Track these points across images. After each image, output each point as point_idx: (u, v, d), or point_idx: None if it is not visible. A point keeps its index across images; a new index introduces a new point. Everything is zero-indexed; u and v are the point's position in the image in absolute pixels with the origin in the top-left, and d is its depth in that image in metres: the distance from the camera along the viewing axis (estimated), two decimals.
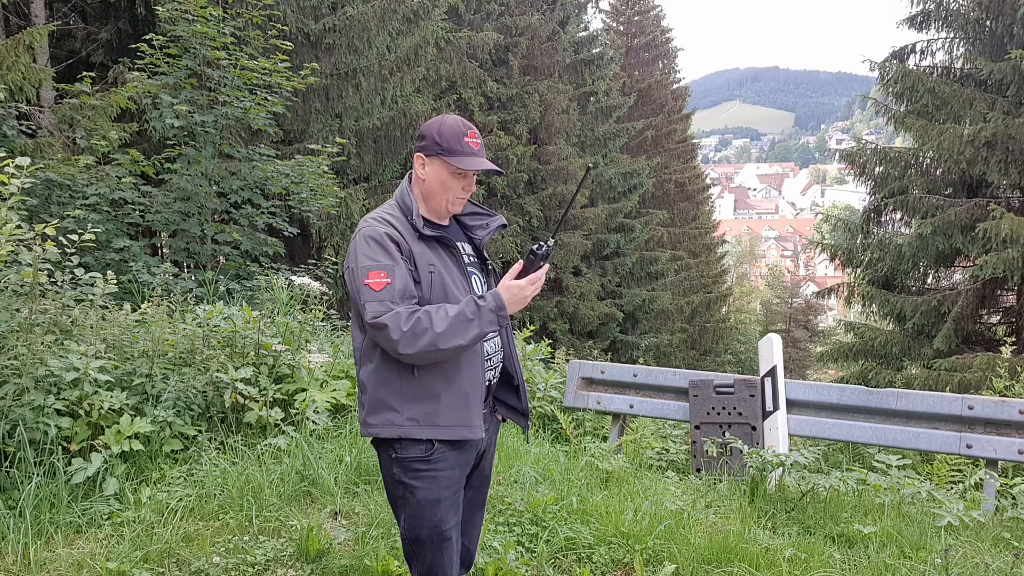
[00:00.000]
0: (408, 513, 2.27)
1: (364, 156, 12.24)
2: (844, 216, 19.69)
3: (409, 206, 2.25)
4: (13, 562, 3.08)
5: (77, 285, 4.37)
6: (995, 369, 8.87)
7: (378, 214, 2.25)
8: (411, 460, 2.21)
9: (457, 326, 2.09)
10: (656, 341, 22.39)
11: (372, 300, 2.09)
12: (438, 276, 2.19)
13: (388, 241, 2.15)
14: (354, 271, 2.14)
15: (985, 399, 4.83)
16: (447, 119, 2.26)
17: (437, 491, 2.25)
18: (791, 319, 35.21)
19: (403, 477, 2.24)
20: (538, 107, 18.73)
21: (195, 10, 7.13)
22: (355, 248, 2.18)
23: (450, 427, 2.21)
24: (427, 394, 2.19)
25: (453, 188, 2.26)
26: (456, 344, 2.09)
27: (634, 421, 6.41)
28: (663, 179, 26.16)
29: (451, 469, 2.26)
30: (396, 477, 2.26)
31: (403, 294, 2.10)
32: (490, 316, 2.13)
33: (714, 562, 3.39)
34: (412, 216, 2.23)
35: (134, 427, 3.81)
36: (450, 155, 2.22)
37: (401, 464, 2.23)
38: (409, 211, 2.25)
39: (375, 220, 2.22)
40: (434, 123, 2.26)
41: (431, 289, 2.18)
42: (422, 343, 2.06)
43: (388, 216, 2.23)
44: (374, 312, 2.08)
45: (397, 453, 2.22)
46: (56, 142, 7.33)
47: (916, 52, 14.28)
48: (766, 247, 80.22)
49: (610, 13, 28.17)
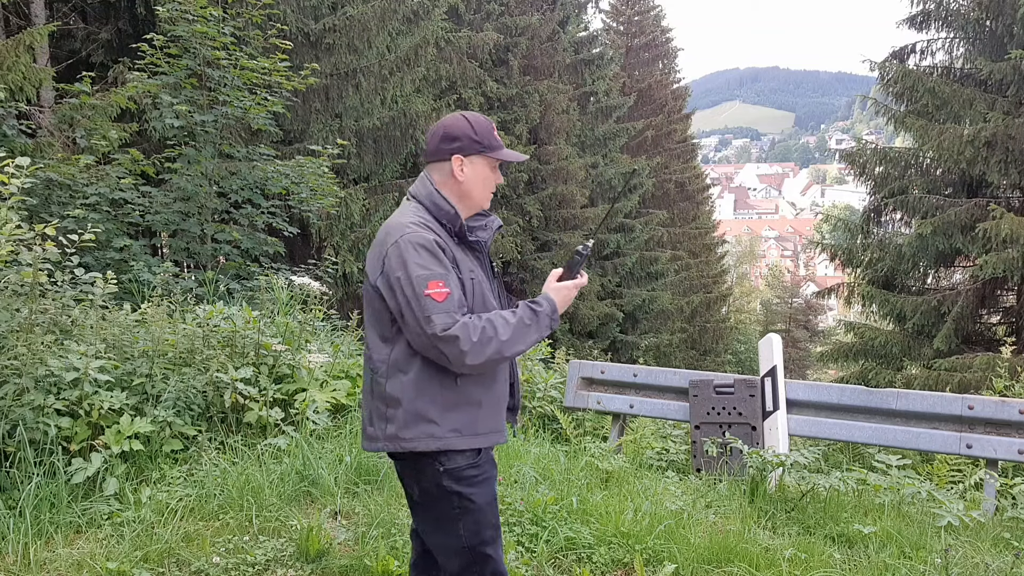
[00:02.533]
0: (470, 521, 2.17)
1: (364, 156, 12.24)
2: (844, 216, 19.70)
3: (448, 209, 2.17)
4: (13, 562, 3.08)
5: (77, 285, 4.37)
6: (995, 369, 8.86)
7: (413, 219, 2.14)
8: (462, 469, 2.14)
9: (519, 333, 2.09)
10: (656, 341, 22.39)
11: (439, 311, 2.00)
12: (478, 283, 2.16)
13: (437, 248, 2.08)
14: (405, 280, 2.03)
15: (985, 399, 4.83)
16: (470, 117, 2.22)
17: (491, 490, 2.21)
18: (791, 319, 35.23)
19: (457, 487, 2.14)
20: (538, 107, 18.73)
21: (195, 10, 7.13)
22: (401, 256, 2.06)
23: (488, 434, 2.18)
24: (469, 402, 2.13)
25: (492, 183, 2.27)
26: (518, 351, 2.09)
27: (634, 421, 6.41)
28: (663, 179, 26.17)
29: (493, 466, 2.26)
30: (448, 489, 2.14)
31: (460, 303, 2.06)
32: (546, 321, 2.15)
33: (714, 562, 3.39)
34: (455, 220, 2.17)
35: (134, 427, 3.81)
36: (491, 151, 2.21)
37: (452, 475, 2.14)
38: (449, 215, 2.17)
39: (416, 226, 2.11)
40: (460, 123, 2.20)
41: (473, 297, 2.14)
42: (489, 352, 2.03)
43: (425, 221, 2.14)
44: (443, 324, 2.00)
45: (445, 465, 2.13)
46: (56, 142, 7.33)
47: (916, 52, 14.29)
48: (766, 247, 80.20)
49: (610, 13, 28.17)
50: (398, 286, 2.05)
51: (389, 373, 2.12)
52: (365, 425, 2.21)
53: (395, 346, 2.12)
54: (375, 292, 2.13)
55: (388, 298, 2.08)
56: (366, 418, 2.21)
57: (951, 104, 12.77)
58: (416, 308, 2.02)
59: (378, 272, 2.11)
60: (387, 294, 2.08)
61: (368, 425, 2.19)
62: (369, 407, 2.19)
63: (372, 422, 2.17)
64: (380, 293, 2.11)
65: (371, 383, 2.18)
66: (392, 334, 2.12)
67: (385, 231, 2.16)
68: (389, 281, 2.07)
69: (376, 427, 2.16)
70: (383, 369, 2.13)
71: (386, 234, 2.14)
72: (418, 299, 2.01)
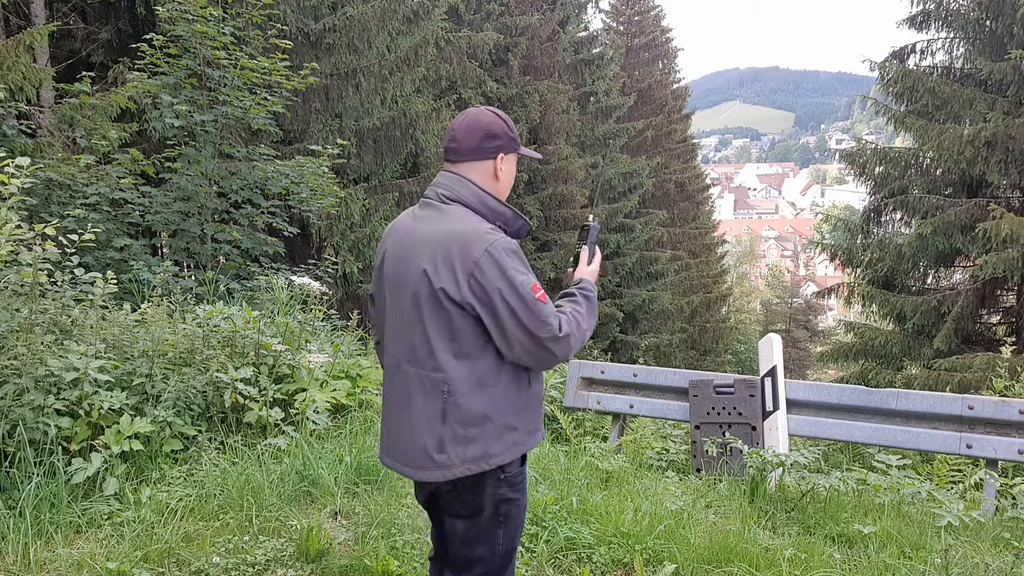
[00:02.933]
0: (511, 527, 2.14)
1: (364, 156, 12.25)
2: (844, 216, 19.70)
3: (504, 211, 2.11)
4: (13, 562, 3.08)
5: (77, 285, 4.37)
6: (995, 369, 8.87)
7: (485, 225, 2.04)
8: (516, 475, 2.12)
9: (590, 319, 2.13)
10: (656, 341, 22.41)
11: (551, 315, 2.00)
12: None
13: (521, 252, 2.05)
14: (509, 290, 1.95)
15: (985, 399, 4.83)
16: (500, 113, 2.17)
17: (527, 491, 2.20)
18: (791, 319, 35.24)
19: (510, 494, 2.10)
20: (538, 107, 18.74)
21: (195, 10, 7.13)
22: (499, 266, 1.96)
23: (538, 431, 2.17)
24: (534, 400, 2.13)
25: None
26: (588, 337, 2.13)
27: (634, 421, 6.41)
28: (663, 179, 26.18)
29: None
30: (502, 497, 2.08)
31: None
32: (596, 303, 2.21)
33: (714, 562, 3.39)
34: (514, 221, 2.13)
35: (134, 427, 3.81)
36: (520, 147, 2.21)
37: (509, 483, 2.09)
38: (505, 217, 2.11)
39: (494, 232, 2.02)
40: (497, 120, 2.13)
41: None
42: (581, 343, 2.07)
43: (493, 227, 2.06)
44: (559, 324, 2.00)
45: (506, 473, 2.07)
46: (56, 142, 7.33)
47: (916, 52, 14.30)
48: (766, 247, 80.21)
49: (610, 13, 28.19)
50: (499, 297, 1.95)
51: (471, 390, 2.00)
52: (426, 454, 2.03)
53: (478, 361, 2.01)
54: (457, 308, 1.98)
55: (484, 312, 1.97)
56: (430, 446, 2.02)
57: (951, 104, 12.77)
58: (529, 315, 1.96)
59: (464, 287, 1.96)
60: (482, 308, 1.97)
61: (435, 454, 2.02)
62: (437, 434, 2.02)
63: (442, 449, 2.01)
64: (464, 308, 1.98)
65: (442, 407, 2.00)
66: (475, 348, 2.01)
67: (459, 242, 1.98)
68: (486, 294, 1.96)
69: (451, 453, 2.01)
70: (463, 388, 2.00)
71: (463, 245, 1.98)
72: (529, 305, 1.96)
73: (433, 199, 2.12)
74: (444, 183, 2.12)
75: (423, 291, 2.01)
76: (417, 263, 2.03)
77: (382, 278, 2.19)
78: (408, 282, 2.05)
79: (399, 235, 2.15)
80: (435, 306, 2.00)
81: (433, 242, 2.02)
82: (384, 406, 2.20)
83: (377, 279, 2.24)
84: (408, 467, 2.08)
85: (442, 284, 1.97)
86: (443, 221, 2.05)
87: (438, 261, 1.99)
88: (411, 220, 2.15)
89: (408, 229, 2.13)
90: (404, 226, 2.16)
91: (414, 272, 2.03)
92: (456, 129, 2.13)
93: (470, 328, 1.99)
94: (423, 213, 2.13)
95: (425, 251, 2.02)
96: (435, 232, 2.03)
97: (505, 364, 2.04)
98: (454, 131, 2.13)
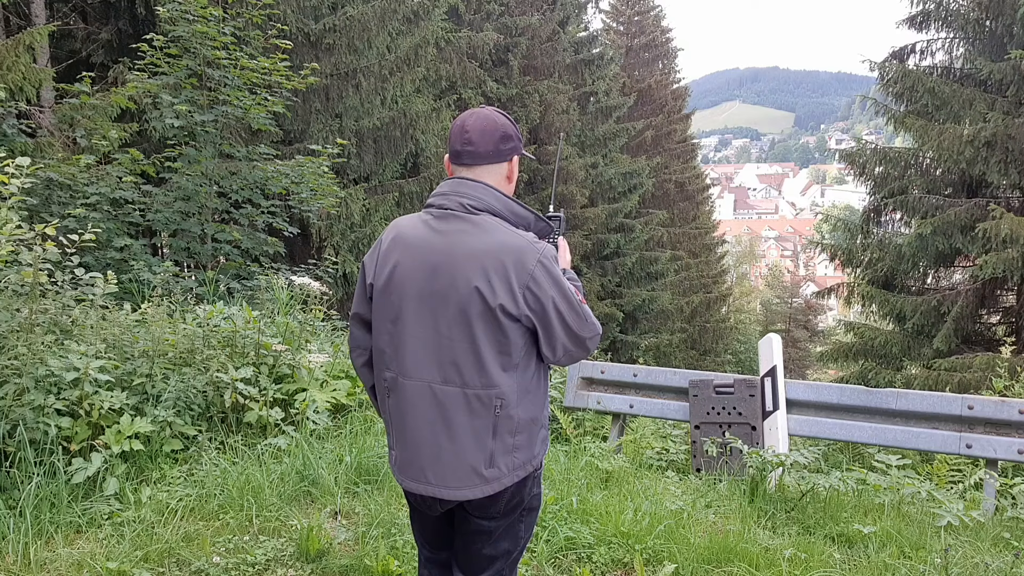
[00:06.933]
0: (530, 520, 2.17)
1: (364, 156, 12.25)
2: (844, 216, 19.71)
3: (528, 216, 2.07)
4: (13, 562, 3.08)
5: (77, 285, 4.37)
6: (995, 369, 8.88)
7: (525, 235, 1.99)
8: (540, 468, 2.13)
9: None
10: (656, 341, 22.41)
11: (590, 313, 2.03)
12: None
13: None
14: (560, 298, 1.94)
15: (985, 399, 4.83)
16: (504, 114, 2.11)
17: None
18: (791, 319, 35.21)
19: (535, 488, 2.13)
20: (538, 107, 18.74)
21: (195, 10, 7.13)
22: (551, 275, 1.94)
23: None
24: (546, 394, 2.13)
25: None
26: None
27: (634, 421, 6.41)
28: (663, 179, 26.18)
29: None
30: (531, 492, 2.11)
31: None
32: None
33: (714, 562, 3.39)
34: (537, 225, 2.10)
35: (134, 427, 3.81)
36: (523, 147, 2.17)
37: (536, 477, 2.12)
38: (529, 220, 2.07)
39: (536, 241, 1.98)
40: (507, 122, 2.07)
41: None
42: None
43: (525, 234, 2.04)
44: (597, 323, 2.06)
45: (537, 469, 2.09)
46: (56, 142, 7.33)
47: (916, 52, 14.30)
48: (766, 247, 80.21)
49: (610, 13, 28.20)
50: (551, 305, 1.94)
51: (520, 400, 1.97)
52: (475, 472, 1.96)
53: (524, 370, 1.99)
54: (513, 322, 1.92)
55: (538, 321, 1.95)
56: (479, 463, 1.96)
57: (951, 104, 12.77)
58: (576, 318, 1.99)
59: (521, 300, 1.91)
60: (537, 318, 1.95)
61: (485, 469, 1.96)
62: (487, 449, 1.96)
63: (493, 463, 1.96)
64: (520, 321, 1.93)
65: (493, 422, 1.94)
66: (523, 359, 1.98)
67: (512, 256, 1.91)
68: (541, 304, 1.93)
69: (501, 465, 1.97)
70: (514, 399, 1.95)
71: (518, 260, 1.91)
72: (576, 309, 1.99)
73: (456, 209, 1.97)
74: (466, 192, 1.98)
75: (475, 309, 1.90)
76: (466, 280, 1.90)
77: (390, 293, 2.00)
78: (450, 299, 1.92)
79: (414, 247, 1.98)
80: (489, 323, 1.91)
81: (481, 257, 1.90)
82: (403, 431, 2.02)
83: (382, 294, 2.03)
84: (450, 488, 1.98)
85: (500, 301, 1.89)
86: (482, 235, 1.94)
87: (492, 278, 1.89)
88: (427, 231, 1.98)
89: (425, 241, 1.97)
90: (419, 238, 1.99)
91: (462, 289, 1.90)
92: (471, 132, 2.00)
93: (520, 339, 1.96)
94: (447, 226, 1.96)
95: (473, 267, 1.90)
96: (479, 247, 1.92)
97: (541, 366, 2.06)
98: (469, 134, 2.00)
